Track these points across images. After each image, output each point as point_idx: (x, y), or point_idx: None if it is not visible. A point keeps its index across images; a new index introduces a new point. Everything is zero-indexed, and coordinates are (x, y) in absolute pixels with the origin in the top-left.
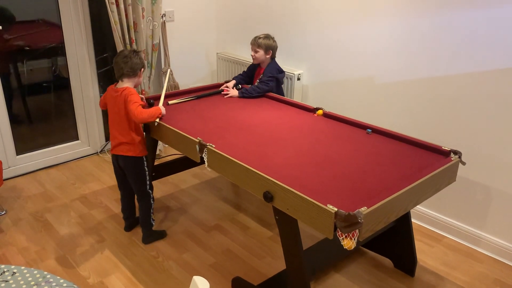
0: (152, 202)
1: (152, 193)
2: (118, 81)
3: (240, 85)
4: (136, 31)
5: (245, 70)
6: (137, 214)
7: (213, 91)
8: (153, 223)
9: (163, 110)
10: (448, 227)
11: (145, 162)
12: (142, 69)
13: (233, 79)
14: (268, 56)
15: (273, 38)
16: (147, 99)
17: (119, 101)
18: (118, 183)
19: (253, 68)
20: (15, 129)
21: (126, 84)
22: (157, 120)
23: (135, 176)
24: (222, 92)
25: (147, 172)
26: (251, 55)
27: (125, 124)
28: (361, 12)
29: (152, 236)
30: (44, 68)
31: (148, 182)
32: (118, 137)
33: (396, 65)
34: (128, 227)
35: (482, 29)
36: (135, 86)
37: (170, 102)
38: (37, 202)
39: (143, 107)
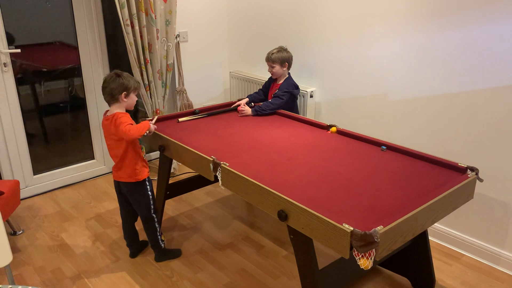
0: (157, 225)
1: (157, 216)
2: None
3: (252, 103)
4: (150, 52)
5: (261, 88)
6: (141, 238)
7: (223, 109)
8: (163, 244)
9: (151, 126)
10: (466, 245)
11: (147, 186)
12: (124, 93)
13: (247, 97)
14: (285, 69)
15: (286, 50)
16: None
17: (111, 128)
18: (120, 209)
19: (269, 84)
20: (32, 149)
21: (114, 109)
22: (145, 133)
23: (139, 202)
24: (238, 109)
25: (150, 197)
26: (269, 71)
27: (120, 150)
28: (373, 28)
29: (165, 255)
30: (61, 88)
31: (152, 207)
32: (117, 164)
33: (410, 82)
34: (133, 254)
35: (496, 44)
36: (127, 109)
37: (180, 119)
38: (53, 222)
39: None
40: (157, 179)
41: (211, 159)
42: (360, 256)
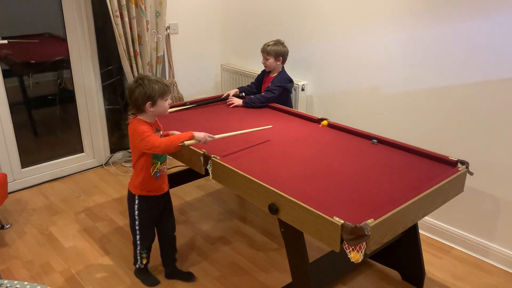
0: (138, 243)
1: (140, 239)
2: None
3: (243, 93)
4: (140, 44)
5: (253, 81)
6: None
7: (214, 99)
8: (137, 265)
9: (197, 135)
10: (456, 238)
11: (136, 204)
12: (149, 103)
13: (238, 88)
14: (279, 63)
15: (283, 44)
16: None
17: (130, 133)
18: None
19: (262, 76)
20: (20, 142)
21: (142, 116)
22: (185, 143)
23: (129, 214)
24: (227, 101)
25: (136, 213)
26: (262, 63)
27: (133, 155)
28: (365, 23)
29: (139, 274)
30: (50, 81)
31: (137, 226)
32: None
33: (402, 75)
34: (167, 274)
35: (487, 38)
36: (158, 116)
37: (169, 110)
38: (42, 215)
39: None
40: None
41: (202, 152)
42: (351, 249)
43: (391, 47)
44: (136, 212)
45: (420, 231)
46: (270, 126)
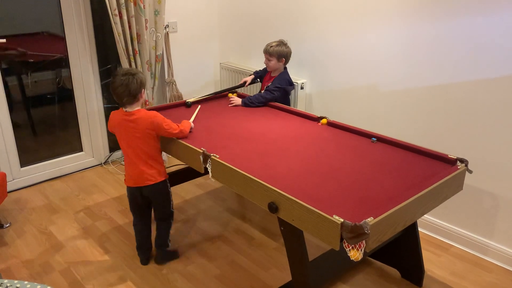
0: (171, 221)
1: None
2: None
3: (258, 80)
4: (139, 43)
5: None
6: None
7: (232, 87)
8: (169, 244)
9: (192, 123)
10: (455, 236)
11: (168, 186)
12: (143, 89)
13: (253, 73)
14: (281, 64)
15: (286, 44)
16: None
17: (141, 125)
18: (137, 217)
19: (264, 73)
20: (19, 141)
21: (135, 107)
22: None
23: (163, 201)
24: (229, 99)
25: (170, 196)
26: (265, 63)
27: (148, 148)
28: (364, 20)
29: (167, 256)
30: (48, 80)
31: (172, 202)
32: (140, 167)
33: (401, 73)
34: (147, 260)
35: (487, 36)
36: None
37: (189, 100)
38: (42, 214)
39: None
40: None
41: (201, 151)
42: (350, 247)
43: (390, 45)
44: (170, 195)
45: (420, 229)
46: (199, 106)
